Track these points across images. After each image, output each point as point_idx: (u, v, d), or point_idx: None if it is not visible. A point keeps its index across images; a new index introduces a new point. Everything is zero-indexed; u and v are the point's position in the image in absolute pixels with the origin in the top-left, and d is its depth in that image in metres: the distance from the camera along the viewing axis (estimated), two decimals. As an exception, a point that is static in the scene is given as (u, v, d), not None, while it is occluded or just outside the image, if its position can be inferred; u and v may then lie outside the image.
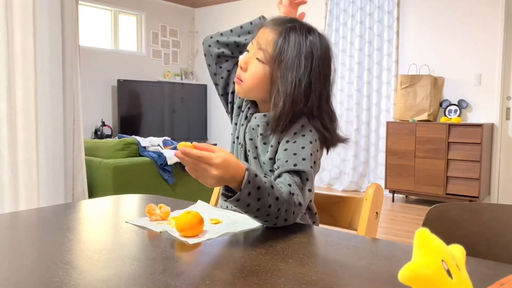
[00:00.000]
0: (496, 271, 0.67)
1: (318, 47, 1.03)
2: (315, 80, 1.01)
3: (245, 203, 0.84)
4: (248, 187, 0.82)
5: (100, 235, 0.86)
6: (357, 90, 5.22)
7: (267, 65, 1.03)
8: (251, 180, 0.83)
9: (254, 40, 1.07)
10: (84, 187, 2.89)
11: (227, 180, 0.81)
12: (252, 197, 0.83)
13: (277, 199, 0.87)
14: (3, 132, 2.39)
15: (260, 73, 1.04)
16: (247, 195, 0.83)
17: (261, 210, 0.86)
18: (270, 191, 0.86)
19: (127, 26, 6.25)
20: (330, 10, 5.38)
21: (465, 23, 4.54)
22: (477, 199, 4.15)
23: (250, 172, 0.84)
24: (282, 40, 1.01)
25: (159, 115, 6.21)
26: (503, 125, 4.46)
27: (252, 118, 1.11)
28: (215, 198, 1.28)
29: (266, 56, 1.03)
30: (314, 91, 1.02)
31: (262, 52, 1.03)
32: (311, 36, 1.03)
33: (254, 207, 0.85)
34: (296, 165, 0.96)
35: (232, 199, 0.83)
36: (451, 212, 0.93)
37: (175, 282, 0.61)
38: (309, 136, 1.01)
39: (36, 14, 2.52)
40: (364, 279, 0.64)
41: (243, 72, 1.06)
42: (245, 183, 0.82)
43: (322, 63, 1.03)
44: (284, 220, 0.90)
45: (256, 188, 0.84)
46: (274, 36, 1.03)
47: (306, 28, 1.04)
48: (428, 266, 0.38)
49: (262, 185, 0.85)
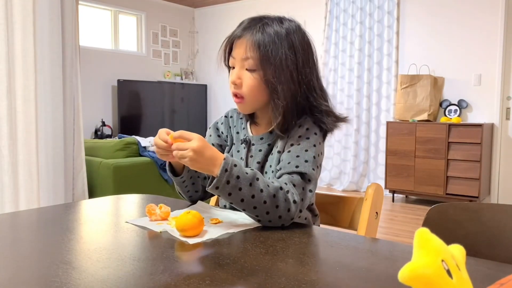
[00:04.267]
0: (496, 271, 0.67)
1: (296, 31, 1.03)
2: (303, 64, 1.02)
3: (225, 191, 0.87)
4: (225, 175, 0.86)
5: (100, 235, 0.86)
6: (357, 90, 5.22)
7: (258, 71, 1.00)
8: (228, 169, 0.87)
9: (235, 55, 1.03)
10: (84, 187, 2.89)
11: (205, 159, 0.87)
12: (232, 186, 0.87)
13: (261, 191, 0.89)
14: (3, 132, 2.39)
15: (256, 81, 1.01)
16: (226, 183, 0.87)
17: (246, 201, 0.88)
18: (252, 182, 0.88)
19: (127, 26, 6.25)
20: (330, 10, 5.38)
21: (465, 23, 4.54)
22: (477, 199, 4.15)
23: (228, 161, 0.88)
24: (261, 38, 0.99)
25: (159, 115, 6.21)
26: (503, 125, 4.46)
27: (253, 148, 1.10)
28: (215, 198, 1.28)
29: (255, 62, 1.00)
30: (306, 74, 1.02)
31: (249, 60, 1.00)
32: (285, 24, 1.02)
33: (237, 197, 0.88)
34: (298, 166, 0.96)
35: (211, 186, 0.87)
36: (451, 212, 0.93)
37: (175, 282, 0.61)
38: (313, 139, 1.00)
39: (36, 14, 2.52)
40: (364, 279, 0.64)
41: (240, 88, 1.02)
42: (222, 170, 0.86)
43: (306, 46, 1.03)
44: (279, 218, 0.90)
45: (235, 177, 0.87)
46: (251, 39, 0.99)
47: (276, 19, 1.03)
48: (428, 266, 0.38)
49: (243, 175, 0.88)
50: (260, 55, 0.99)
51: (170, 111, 6.34)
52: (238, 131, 1.15)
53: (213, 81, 6.68)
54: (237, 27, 1.05)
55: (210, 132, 1.20)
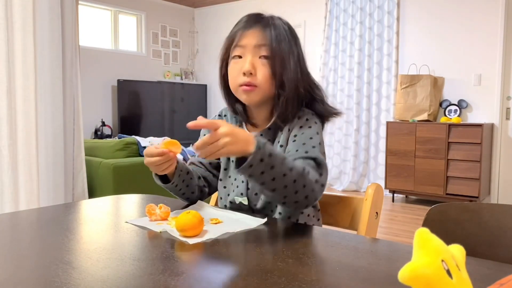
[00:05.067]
0: (496, 271, 0.67)
1: (292, 28, 1.08)
2: (303, 57, 1.07)
3: (258, 170, 0.84)
4: (260, 153, 0.83)
5: (100, 235, 0.86)
6: (357, 90, 5.22)
7: (269, 60, 1.02)
8: (261, 147, 0.84)
9: (244, 43, 1.02)
10: (84, 187, 2.89)
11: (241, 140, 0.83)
12: (265, 164, 0.84)
13: (291, 169, 0.88)
14: (3, 132, 2.39)
15: (268, 70, 1.02)
16: (260, 161, 0.84)
17: (277, 179, 0.86)
18: (282, 160, 0.87)
19: (127, 26, 6.25)
20: (330, 10, 5.38)
21: (465, 23, 4.54)
22: (477, 199, 4.15)
23: (260, 139, 0.86)
24: (272, 28, 1.02)
25: (159, 115, 6.21)
26: (503, 125, 4.46)
27: None
28: (215, 198, 1.28)
29: (268, 50, 1.01)
30: (305, 66, 1.07)
31: (264, 47, 1.01)
32: (283, 19, 1.08)
33: (269, 176, 0.85)
34: (307, 152, 0.98)
35: (245, 165, 0.83)
36: (451, 212, 0.93)
37: (175, 282, 0.61)
38: (315, 128, 1.03)
39: (36, 14, 2.52)
40: (364, 279, 0.64)
41: (253, 76, 1.02)
42: (256, 148, 0.83)
43: (299, 42, 1.09)
44: (305, 198, 0.90)
45: (268, 155, 0.85)
46: (264, 30, 1.02)
47: (276, 16, 1.08)
48: (428, 266, 0.38)
49: (274, 153, 0.86)
50: (272, 44, 1.01)
51: (170, 111, 6.34)
52: None
53: (213, 81, 6.67)
54: (241, 23, 1.06)
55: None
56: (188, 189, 1.11)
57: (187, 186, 1.10)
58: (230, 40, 1.06)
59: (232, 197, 1.09)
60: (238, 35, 1.04)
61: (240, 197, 1.07)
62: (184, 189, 1.10)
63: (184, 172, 1.08)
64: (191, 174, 1.10)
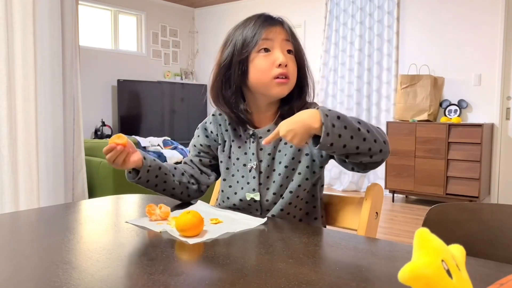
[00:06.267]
0: (496, 271, 0.67)
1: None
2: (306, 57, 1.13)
3: (335, 135, 0.86)
4: (329, 120, 0.85)
5: (100, 235, 0.86)
6: (357, 90, 5.22)
7: (294, 55, 1.07)
8: (327, 114, 0.86)
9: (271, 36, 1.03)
10: (84, 187, 2.89)
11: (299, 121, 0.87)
12: (338, 128, 0.86)
13: (359, 122, 0.90)
14: (3, 132, 2.39)
15: (295, 65, 1.07)
16: (332, 126, 0.85)
17: (355, 137, 0.88)
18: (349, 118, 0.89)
19: (127, 26, 6.25)
20: (330, 10, 5.38)
21: (465, 23, 4.54)
22: (477, 199, 4.15)
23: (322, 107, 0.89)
24: (290, 28, 1.07)
25: (159, 115, 6.20)
26: (503, 125, 4.46)
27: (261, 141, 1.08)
28: (215, 198, 1.28)
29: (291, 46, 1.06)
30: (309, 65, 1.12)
31: (289, 43, 1.05)
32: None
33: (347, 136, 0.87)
34: None
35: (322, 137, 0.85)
36: (451, 212, 0.93)
37: (175, 282, 0.61)
38: None
39: (36, 14, 2.52)
40: (364, 279, 0.64)
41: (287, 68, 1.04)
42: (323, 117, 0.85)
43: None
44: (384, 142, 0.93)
45: (336, 118, 0.87)
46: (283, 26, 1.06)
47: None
48: (428, 266, 0.38)
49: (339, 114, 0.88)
50: (294, 40, 1.06)
51: (170, 111, 6.34)
52: (235, 127, 1.14)
53: (213, 81, 6.67)
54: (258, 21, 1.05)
55: (198, 133, 1.18)
56: (167, 185, 1.09)
57: (165, 182, 1.09)
58: (248, 37, 1.04)
59: (243, 194, 1.08)
60: (262, 30, 1.03)
61: (252, 193, 1.07)
62: (161, 184, 1.09)
63: (155, 168, 1.06)
64: (164, 169, 1.09)
